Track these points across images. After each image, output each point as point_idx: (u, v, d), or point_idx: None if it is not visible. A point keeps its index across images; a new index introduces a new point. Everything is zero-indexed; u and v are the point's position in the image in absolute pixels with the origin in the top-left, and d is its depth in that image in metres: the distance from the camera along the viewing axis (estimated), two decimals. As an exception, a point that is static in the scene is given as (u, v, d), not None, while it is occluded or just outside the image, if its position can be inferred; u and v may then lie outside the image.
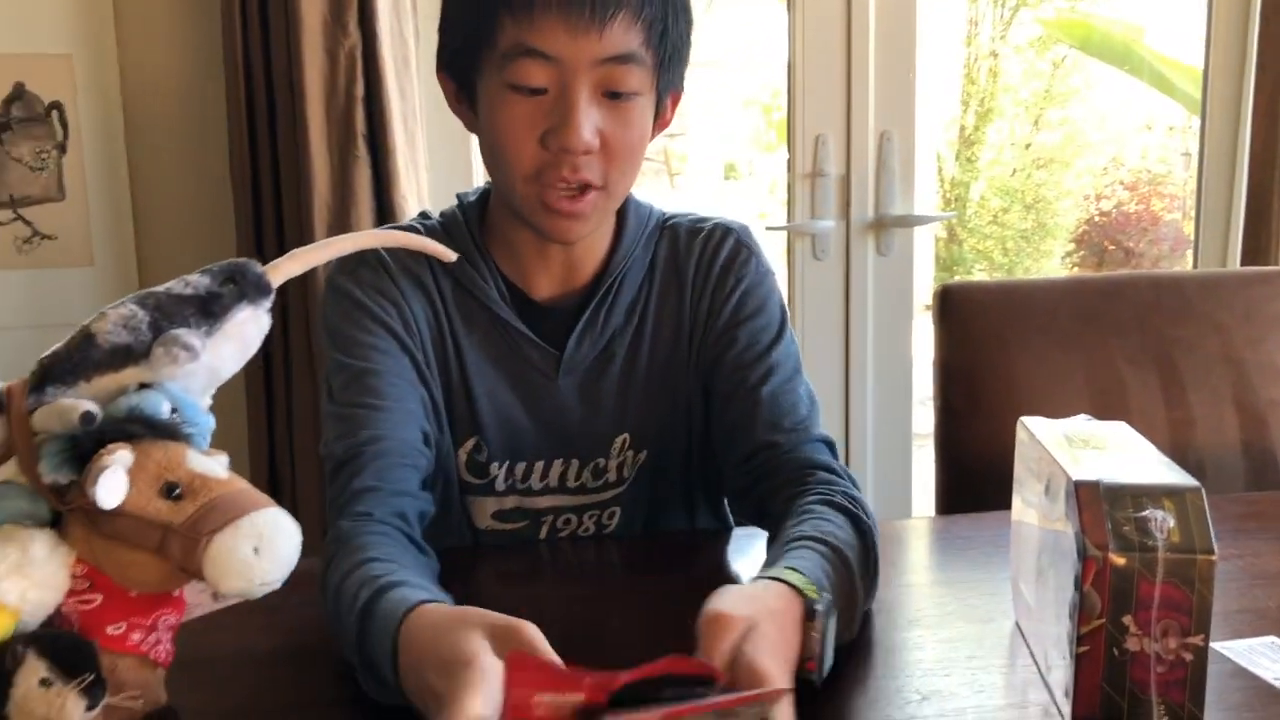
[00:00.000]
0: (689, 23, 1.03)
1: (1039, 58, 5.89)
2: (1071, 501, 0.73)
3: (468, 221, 1.10)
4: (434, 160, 2.00)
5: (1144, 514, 0.71)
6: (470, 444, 1.09)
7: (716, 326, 1.10)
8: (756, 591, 0.77)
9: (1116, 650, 0.71)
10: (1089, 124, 5.84)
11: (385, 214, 1.87)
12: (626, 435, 1.11)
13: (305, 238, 1.83)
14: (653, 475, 1.12)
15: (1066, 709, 0.73)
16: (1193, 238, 2.37)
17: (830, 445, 1.05)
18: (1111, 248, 5.78)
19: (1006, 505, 1.13)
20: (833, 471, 1.01)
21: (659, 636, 0.75)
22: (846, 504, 0.95)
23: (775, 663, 0.69)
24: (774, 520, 0.96)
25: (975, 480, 1.42)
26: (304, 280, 1.77)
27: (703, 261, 1.11)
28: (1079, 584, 0.71)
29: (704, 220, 1.14)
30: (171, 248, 2.03)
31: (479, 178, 2.10)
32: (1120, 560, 0.70)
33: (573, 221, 1.01)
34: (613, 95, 0.97)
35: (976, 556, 1.08)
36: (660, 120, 1.05)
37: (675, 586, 0.95)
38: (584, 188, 0.99)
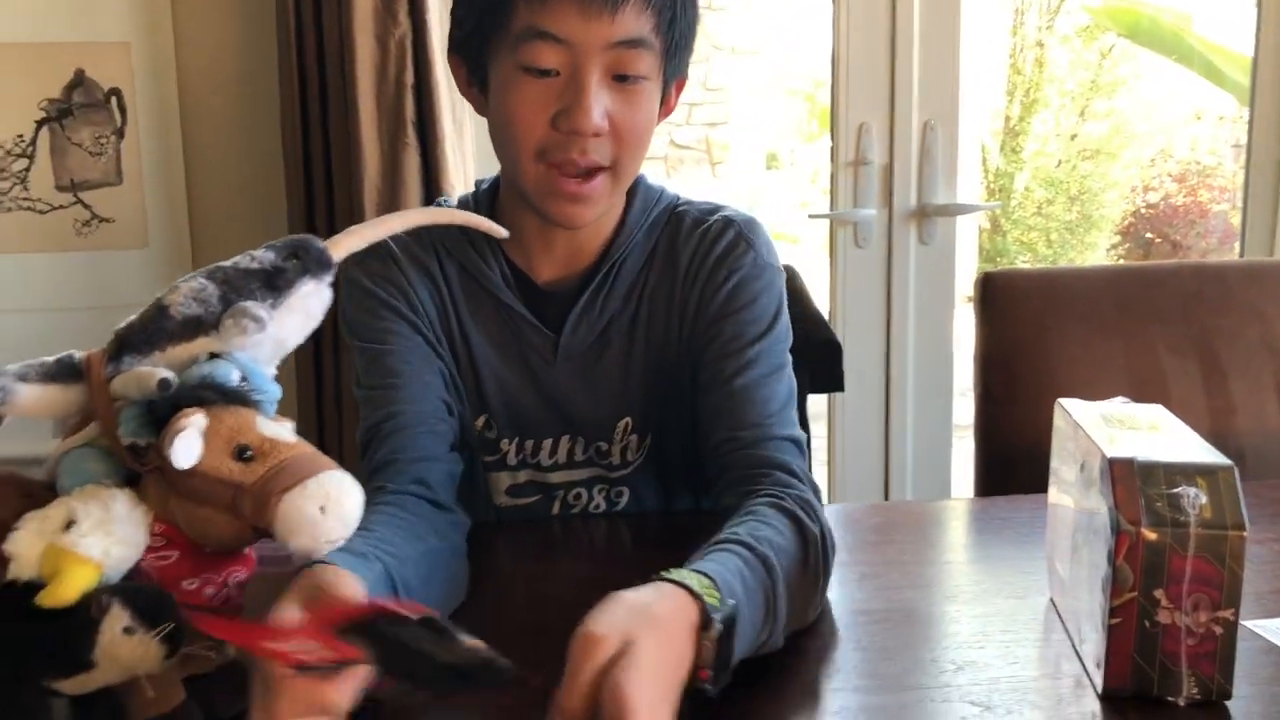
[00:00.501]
0: (696, 12, 1.04)
1: (1085, 47, 5.84)
2: (1106, 478, 0.75)
3: (478, 206, 1.12)
4: (481, 147, 2.03)
5: (1176, 490, 0.73)
6: (480, 421, 1.12)
7: (706, 316, 1.09)
8: (645, 599, 0.72)
9: (1148, 623, 0.73)
10: (1136, 115, 5.78)
11: (433, 200, 1.90)
12: (629, 419, 1.11)
13: (355, 222, 1.86)
14: (658, 459, 1.14)
15: (1099, 679, 0.75)
16: (1240, 228, 2.36)
17: (798, 444, 1.04)
18: (1158, 240, 5.72)
19: (1045, 489, 1.15)
20: (790, 472, 0.99)
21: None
22: (794, 508, 0.91)
23: (644, 688, 0.64)
24: (724, 517, 0.92)
25: (1013, 467, 1.44)
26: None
27: (699, 251, 1.10)
28: (1112, 558, 0.73)
29: (713, 210, 1.13)
30: (225, 231, 2.08)
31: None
32: (1152, 535, 0.72)
33: (580, 206, 1.02)
34: (621, 79, 0.99)
35: (1013, 536, 1.09)
36: (665, 106, 1.07)
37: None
38: (592, 171, 1.00)
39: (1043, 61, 5.94)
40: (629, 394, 1.11)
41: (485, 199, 1.13)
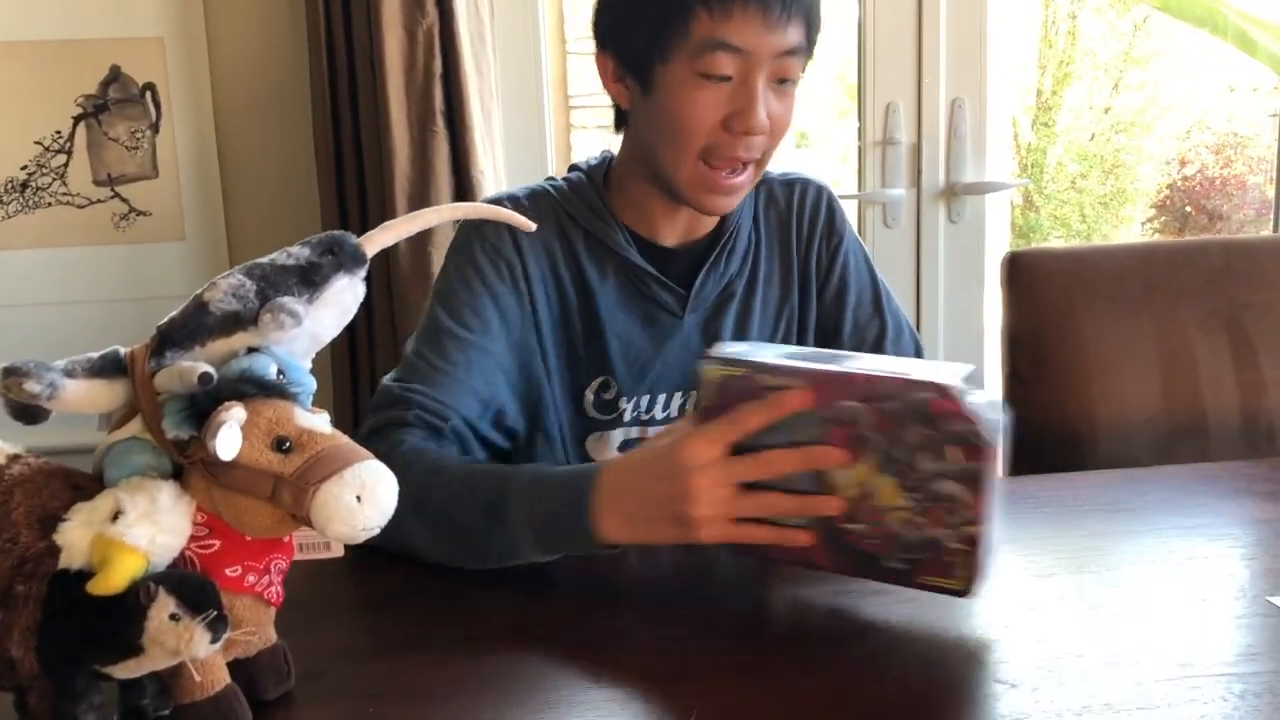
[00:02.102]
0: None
1: (1119, 18, 5.76)
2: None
3: (593, 184, 1.20)
4: (509, 135, 2.05)
5: None
6: (597, 383, 1.18)
7: (830, 283, 1.23)
8: None
9: None
10: (1171, 86, 5.70)
11: (462, 188, 1.92)
12: None
13: (386, 212, 1.89)
14: None
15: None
16: (1274, 201, 2.33)
17: None
18: (1194, 212, 5.65)
19: (1072, 468, 1.15)
20: None
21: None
22: None
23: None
24: None
25: (1042, 445, 1.44)
26: (384, 255, 1.84)
27: (801, 216, 1.24)
28: None
29: (789, 176, 1.26)
30: (259, 222, 2.12)
31: (552, 152, 2.15)
32: None
33: (731, 198, 1.13)
34: (781, 81, 1.08)
35: (1041, 515, 1.10)
36: None
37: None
38: (743, 168, 1.10)
39: (1075, 33, 5.87)
40: None
41: (598, 175, 1.21)
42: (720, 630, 0.86)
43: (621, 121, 1.18)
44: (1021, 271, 1.47)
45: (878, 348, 1.21)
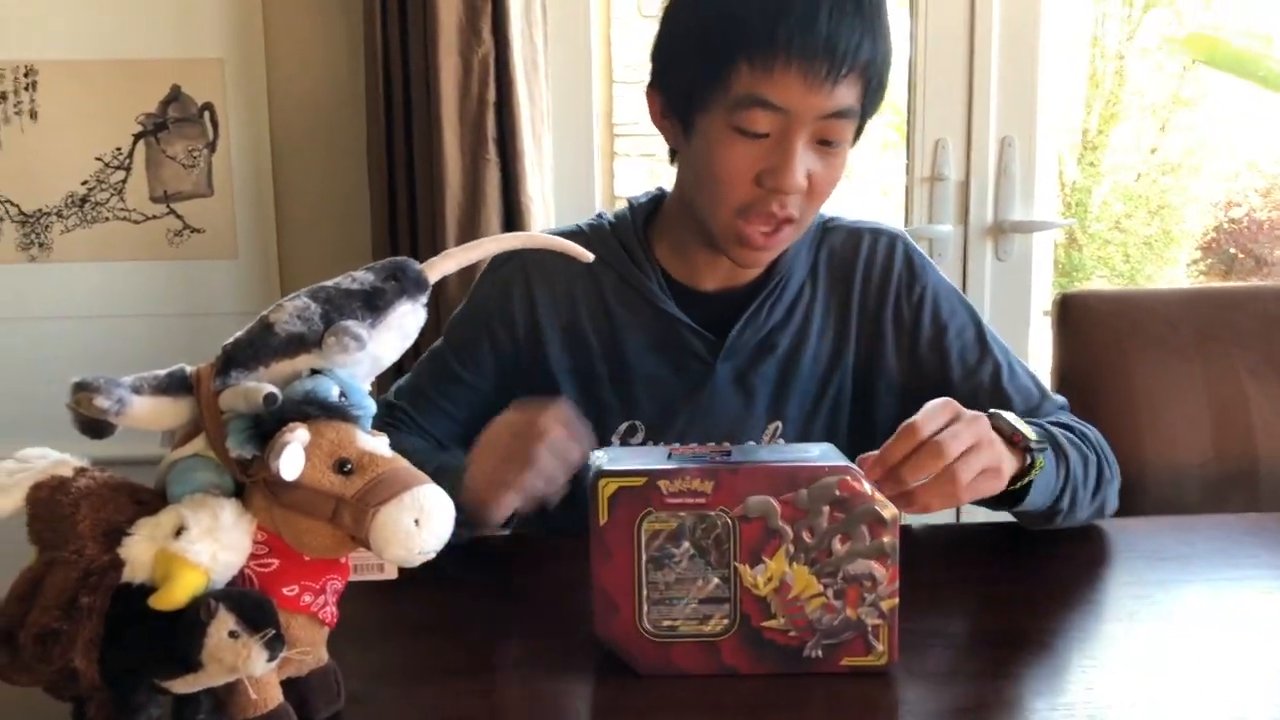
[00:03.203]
0: (891, 63, 1.08)
1: (1168, 60, 5.73)
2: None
3: (634, 223, 1.18)
4: (559, 163, 2.06)
5: None
6: (623, 428, 1.17)
7: (921, 333, 1.17)
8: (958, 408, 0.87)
9: None
10: (1220, 128, 5.66)
11: (512, 214, 1.94)
12: (779, 424, 1.16)
13: (437, 236, 1.91)
14: None
15: None
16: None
17: (1065, 409, 1.16)
18: (1241, 255, 5.59)
19: (1120, 513, 1.14)
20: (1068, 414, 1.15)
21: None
22: (1070, 421, 1.10)
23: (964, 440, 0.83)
24: None
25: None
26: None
27: (871, 275, 1.17)
28: None
29: (860, 225, 1.20)
30: (310, 242, 2.14)
31: (600, 180, 2.17)
32: None
33: (764, 253, 1.10)
34: (824, 143, 1.04)
35: (1090, 561, 1.09)
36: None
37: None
38: (782, 226, 1.07)
39: (1123, 73, 5.85)
40: (783, 400, 1.16)
41: (641, 215, 1.20)
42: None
43: (674, 156, 1.17)
44: (1073, 313, 1.47)
45: (996, 388, 1.15)
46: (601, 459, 0.83)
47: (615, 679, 0.83)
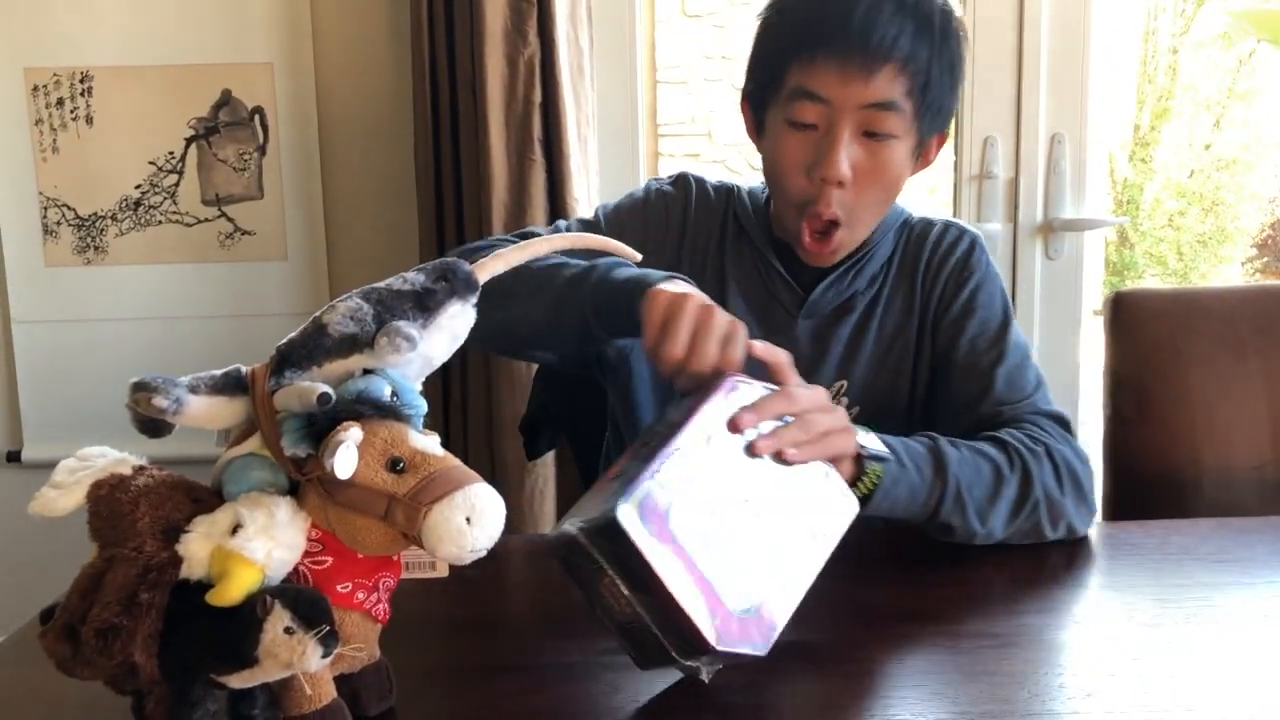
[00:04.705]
0: (956, 77, 1.14)
1: (1223, 54, 5.63)
2: None
3: (756, 199, 1.30)
4: (604, 164, 2.07)
5: None
6: None
7: (950, 312, 1.22)
8: None
9: None
10: (1276, 123, 5.56)
11: (557, 215, 1.95)
12: (844, 383, 1.22)
13: (483, 236, 1.92)
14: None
15: None
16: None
17: (1057, 418, 1.14)
18: (1298, 254, 5.49)
19: (1175, 515, 1.12)
20: (1040, 427, 1.11)
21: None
22: (1008, 438, 1.07)
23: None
24: None
25: (1144, 490, 1.40)
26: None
27: (936, 254, 1.25)
28: None
29: (942, 220, 1.29)
30: (359, 244, 2.17)
31: (645, 181, 2.16)
32: None
33: (820, 256, 1.18)
34: (871, 135, 1.10)
35: (1142, 562, 1.07)
36: (923, 159, 1.19)
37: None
38: (829, 228, 1.14)
39: (1176, 68, 5.76)
40: (853, 362, 1.23)
41: (763, 195, 1.29)
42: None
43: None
44: (1126, 311, 1.44)
45: (989, 375, 1.17)
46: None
47: (665, 678, 0.83)
